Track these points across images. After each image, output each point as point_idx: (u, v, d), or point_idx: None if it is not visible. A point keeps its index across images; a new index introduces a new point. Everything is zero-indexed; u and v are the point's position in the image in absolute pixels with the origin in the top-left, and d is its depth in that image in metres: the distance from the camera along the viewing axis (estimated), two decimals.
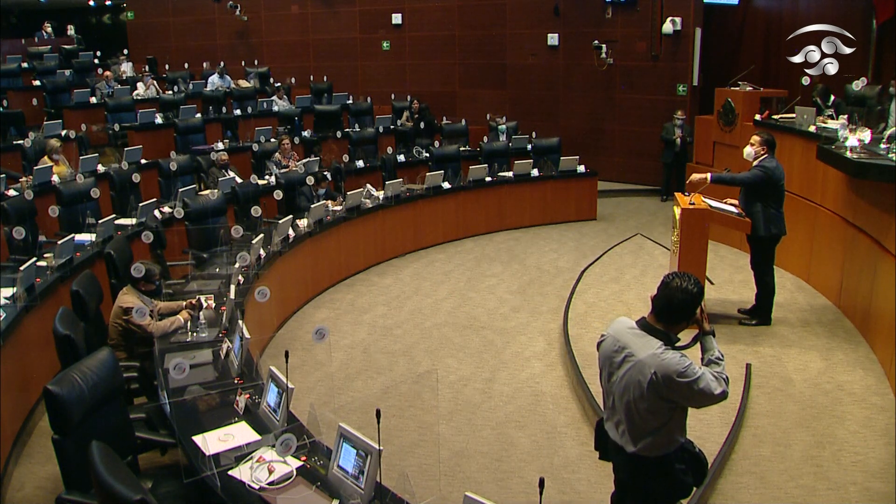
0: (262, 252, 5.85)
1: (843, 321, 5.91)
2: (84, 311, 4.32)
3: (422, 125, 11.18)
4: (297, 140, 9.63)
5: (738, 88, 8.31)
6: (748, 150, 5.67)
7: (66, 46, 13.85)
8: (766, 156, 5.57)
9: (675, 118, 10.28)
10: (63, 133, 8.91)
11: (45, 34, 14.99)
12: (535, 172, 9.46)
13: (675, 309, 2.72)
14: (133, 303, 4.39)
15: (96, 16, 19.42)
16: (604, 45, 11.31)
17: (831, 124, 6.69)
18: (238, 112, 10.84)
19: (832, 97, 7.85)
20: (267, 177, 8.34)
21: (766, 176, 5.49)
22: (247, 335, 3.81)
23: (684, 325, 2.77)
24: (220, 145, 9.39)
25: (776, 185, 5.53)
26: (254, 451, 3.03)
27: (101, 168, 7.95)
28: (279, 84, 12.29)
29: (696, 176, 5.79)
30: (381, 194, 8.12)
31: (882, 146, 5.57)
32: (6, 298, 4.60)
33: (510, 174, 9.39)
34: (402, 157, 9.75)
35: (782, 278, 6.55)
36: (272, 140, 9.44)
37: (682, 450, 2.82)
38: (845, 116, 6.62)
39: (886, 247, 5.19)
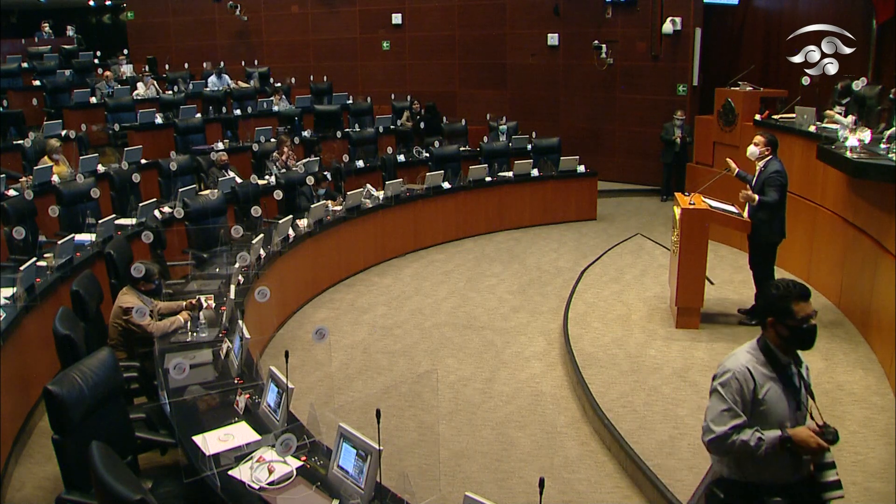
0: (262, 252, 5.85)
1: (843, 321, 5.91)
2: (84, 311, 4.32)
3: (421, 125, 11.18)
4: (297, 140, 9.63)
5: (738, 88, 8.31)
6: (752, 150, 5.65)
7: (66, 46, 13.86)
8: (770, 156, 5.58)
9: (675, 118, 10.28)
10: (63, 133, 8.91)
11: (44, 34, 15.00)
12: (535, 172, 9.46)
13: (758, 312, 2.65)
14: (133, 303, 4.39)
15: (96, 16, 19.44)
16: (604, 45, 11.31)
17: (840, 119, 6.76)
18: (238, 112, 10.84)
19: (847, 98, 7.79)
20: (267, 177, 8.34)
21: (785, 181, 5.53)
22: (247, 335, 3.81)
23: (772, 332, 2.57)
24: (220, 145, 9.39)
25: (786, 187, 5.57)
26: (254, 451, 3.03)
27: (101, 168, 7.96)
28: (279, 84, 12.29)
29: (732, 163, 5.78)
30: (381, 194, 8.11)
31: (882, 146, 5.58)
32: (6, 298, 4.60)
33: (510, 174, 9.39)
34: (402, 157, 9.75)
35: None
36: (272, 140, 9.44)
37: (729, 483, 2.60)
38: (853, 115, 6.68)
39: (886, 247, 5.19)
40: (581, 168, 9.62)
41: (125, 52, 13.66)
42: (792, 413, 2.54)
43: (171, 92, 11.46)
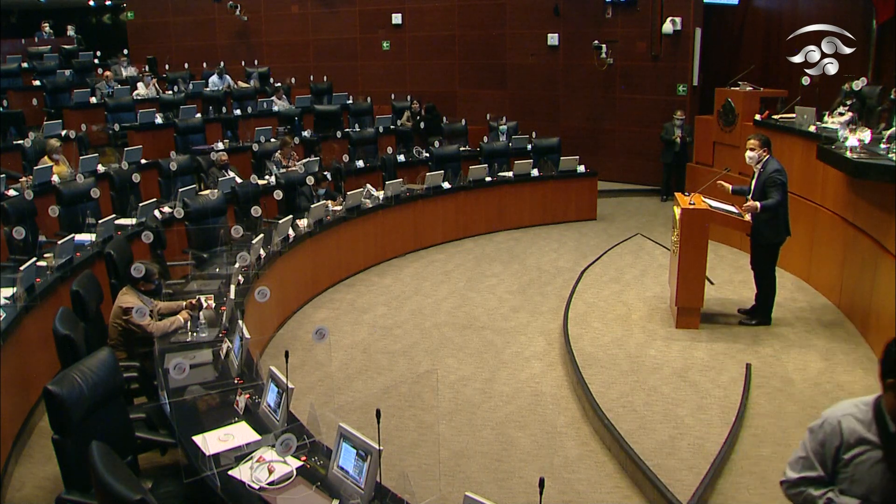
0: (262, 252, 5.85)
1: (843, 321, 5.91)
2: (84, 311, 4.32)
3: (421, 125, 11.18)
4: (297, 140, 9.63)
5: (738, 88, 8.31)
6: (751, 155, 5.63)
7: (65, 46, 13.85)
8: (767, 157, 5.59)
9: (674, 118, 10.28)
10: (63, 133, 8.91)
11: (44, 34, 14.99)
12: (535, 172, 9.46)
13: (882, 371, 2.22)
14: (133, 303, 4.39)
15: (96, 16, 19.44)
16: (604, 45, 11.31)
17: (838, 118, 6.77)
18: (238, 112, 10.84)
19: (853, 100, 7.72)
20: (267, 177, 8.34)
21: (785, 179, 5.53)
22: (247, 335, 3.81)
23: (891, 395, 2.21)
24: (220, 145, 9.39)
25: (786, 185, 5.57)
26: (254, 451, 3.03)
27: (101, 168, 7.96)
28: (279, 84, 12.29)
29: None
30: (381, 194, 8.11)
31: (882, 146, 5.58)
32: (6, 298, 4.60)
33: (510, 174, 9.39)
34: (402, 157, 9.75)
35: (782, 278, 6.54)
36: (272, 140, 9.44)
37: None
38: (851, 114, 6.69)
39: (886, 247, 5.19)
40: (581, 168, 9.62)
41: (125, 52, 13.66)
42: (890, 489, 2.14)
43: (171, 92, 11.46)
